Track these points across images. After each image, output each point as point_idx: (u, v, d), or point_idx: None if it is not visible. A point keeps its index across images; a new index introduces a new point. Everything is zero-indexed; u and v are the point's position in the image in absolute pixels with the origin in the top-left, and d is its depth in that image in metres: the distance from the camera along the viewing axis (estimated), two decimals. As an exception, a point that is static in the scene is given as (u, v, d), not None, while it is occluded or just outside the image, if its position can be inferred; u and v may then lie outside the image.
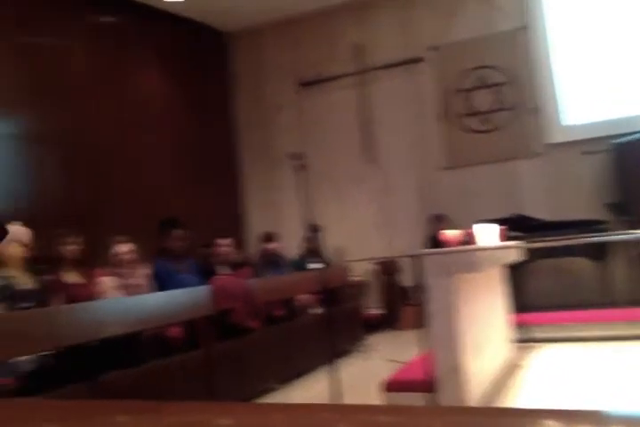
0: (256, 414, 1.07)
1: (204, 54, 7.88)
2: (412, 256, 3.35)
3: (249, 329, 4.11)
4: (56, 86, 5.83)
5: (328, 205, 7.51)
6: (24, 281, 3.26)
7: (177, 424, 1.02)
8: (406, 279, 6.70)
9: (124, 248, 4.06)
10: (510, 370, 4.11)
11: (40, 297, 3.25)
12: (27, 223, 3.39)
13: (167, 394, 3.27)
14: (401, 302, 6.56)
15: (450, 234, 3.58)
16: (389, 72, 7.49)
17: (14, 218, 4.55)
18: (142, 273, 4.28)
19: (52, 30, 5.91)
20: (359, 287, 6.65)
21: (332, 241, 7.11)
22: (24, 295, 3.19)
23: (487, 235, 3.76)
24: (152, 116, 6.95)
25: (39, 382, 2.85)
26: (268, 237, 5.51)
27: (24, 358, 2.93)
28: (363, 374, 4.44)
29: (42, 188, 5.53)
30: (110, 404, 1.31)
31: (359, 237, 7.34)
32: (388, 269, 6.71)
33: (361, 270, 7.03)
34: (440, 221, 6.65)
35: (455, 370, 3.09)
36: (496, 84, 6.96)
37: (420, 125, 7.34)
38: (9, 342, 2.58)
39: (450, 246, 3.48)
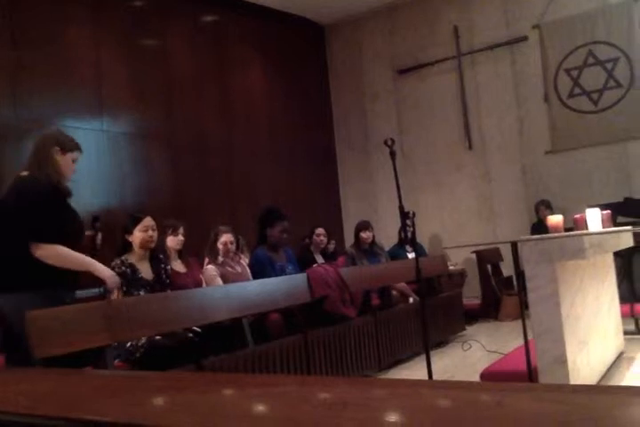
0: (356, 388, 1.10)
1: (302, 47, 7.98)
2: (512, 243, 3.23)
3: (345, 317, 4.15)
4: (163, 86, 6.14)
5: (426, 192, 7.41)
6: (144, 269, 3.47)
7: (281, 396, 1.07)
8: (507, 268, 6.49)
9: (226, 238, 4.22)
10: (621, 363, 3.88)
11: (155, 286, 3.45)
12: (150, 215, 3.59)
13: (267, 378, 3.39)
14: (501, 291, 6.36)
15: (554, 220, 3.43)
16: (490, 54, 7.24)
17: (125, 210, 4.88)
18: (243, 262, 4.44)
19: (158, 33, 6.22)
20: (458, 276, 6.52)
21: (429, 229, 7.03)
22: (141, 283, 3.40)
23: (594, 220, 3.56)
24: (253, 109, 7.16)
25: (147, 364, 3.05)
26: (364, 226, 5.52)
27: (134, 342, 3.14)
28: (460, 365, 4.36)
29: (151, 181, 5.87)
30: (218, 376, 1.40)
31: (458, 226, 7.19)
32: (488, 257, 6.52)
33: (460, 259, 6.89)
34: (546, 207, 6.37)
35: (559, 362, 2.97)
36: (608, 61, 6.53)
37: (524, 108, 7.05)
38: (122, 326, 2.78)
39: (554, 233, 3.33)
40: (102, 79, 5.58)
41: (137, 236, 3.44)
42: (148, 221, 3.49)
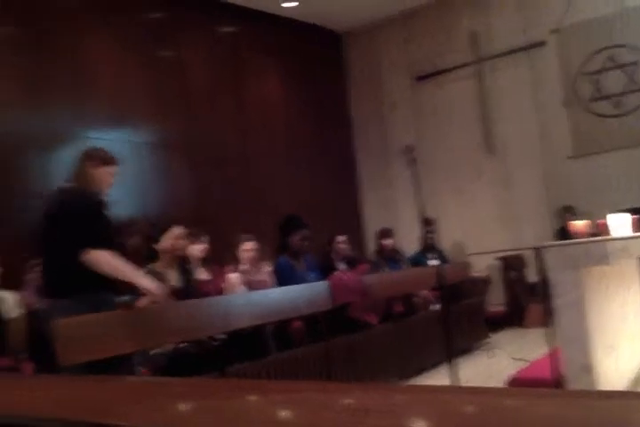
0: (379, 394, 1.09)
1: (320, 55, 8.02)
2: (536, 248, 3.19)
3: (367, 324, 4.14)
4: (181, 96, 6.21)
5: (446, 199, 7.37)
6: (171, 277, 3.50)
7: (304, 402, 1.07)
8: (532, 274, 6.41)
9: (248, 246, 4.24)
10: (651, 371, 3.79)
11: (182, 294, 3.48)
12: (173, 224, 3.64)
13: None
14: (526, 298, 6.28)
15: (578, 225, 3.39)
16: (509, 59, 7.20)
17: (148, 219, 4.92)
18: (265, 269, 4.46)
19: (175, 44, 6.31)
20: (481, 283, 6.45)
21: (450, 236, 6.97)
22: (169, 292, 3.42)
23: (619, 225, 3.50)
24: (270, 118, 7.20)
25: (172, 372, 3.06)
26: (385, 233, 5.50)
27: (159, 349, 3.16)
28: (485, 373, 4.31)
29: (171, 191, 5.92)
30: (241, 382, 1.40)
31: (480, 232, 7.13)
32: (512, 263, 6.45)
33: (483, 266, 6.82)
34: (568, 212, 6.29)
35: (586, 369, 2.91)
36: (628, 64, 6.45)
37: (544, 113, 6.98)
38: (147, 334, 2.80)
39: (578, 238, 3.29)
40: (122, 90, 5.66)
41: (165, 244, 3.47)
42: (178, 229, 3.52)
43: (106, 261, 2.66)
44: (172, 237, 3.49)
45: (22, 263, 4.41)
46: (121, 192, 5.39)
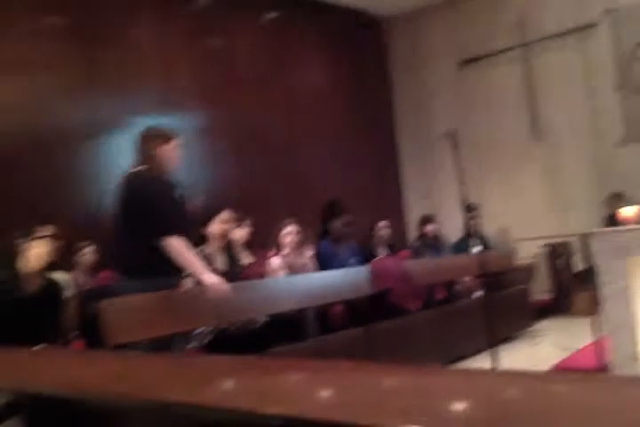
0: (420, 376, 1.10)
1: (362, 41, 7.96)
2: (583, 235, 3.12)
3: (408, 311, 4.13)
4: (227, 84, 6.27)
5: (490, 185, 7.25)
6: (219, 261, 3.57)
7: (339, 381, 1.09)
8: (579, 262, 6.26)
9: (290, 230, 4.28)
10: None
11: (228, 277, 3.55)
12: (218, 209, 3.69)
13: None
14: (573, 286, 6.14)
15: (627, 212, 3.30)
16: (558, 42, 6.98)
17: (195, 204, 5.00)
18: (307, 254, 4.49)
19: (222, 31, 6.35)
20: (527, 271, 6.34)
21: (495, 223, 6.86)
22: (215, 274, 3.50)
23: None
24: (315, 105, 7.21)
25: (214, 352, 3.14)
26: (427, 220, 5.46)
27: (204, 329, 3.24)
28: (528, 361, 4.26)
29: (217, 176, 6.01)
30: (279, 361, 1.43)
31: (525, 219, 6.99)
32: (558, 251, 6.32)
33: (529, 253, 6.70)
34: (617, 199, 6.10)
35: (633, 358, 2.85)
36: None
37: (594, 98, 6.76)
38: (191, 315, 2.88)
39: (627, 226, 3.20)
40: (169, 78, 5.75)
41: (216, 228, 3.53)
42: (227, 213, 3.58)
43: (177, 251, 2.73)
44: (221, 222, 3.55)
45: (73, 246, 4.58)
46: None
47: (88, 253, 4.57)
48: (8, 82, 4.66)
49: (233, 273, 3.57)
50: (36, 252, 2.85)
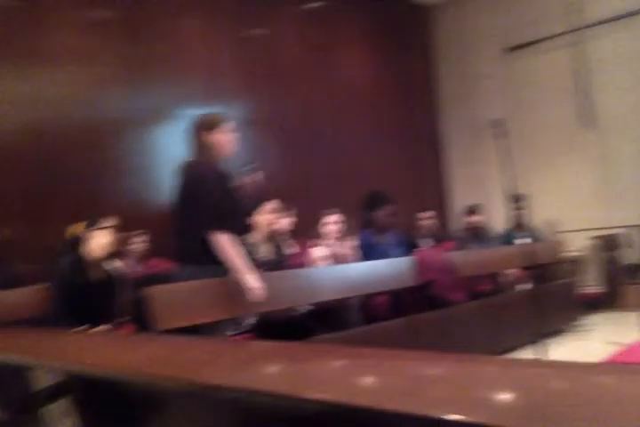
0: (466, 363, 1.09)
1: (406, 29, 7.86)
2: (632, 228, 3.02)
3: (452, 302, 4.09)
4: (271, 73, 6.30)
5: (538, 174, 7.07)
6: (264, 250, 3.61)
7: (377, 367, 1.09)
8: (630, 255, 6.06)
9: (333, 220, 4.28)
10: None
11: (272, 266, 3.58)
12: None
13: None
14: (623, 279, 5.95)
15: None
16: (610, 26, 6.72)
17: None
18: (349, 244, 4.49)
19: (265, 20, 6.37)
20: (575, 263, 6.18)
21: (542, 213, 6.70)
22: (259, 263, 3.54)
23: None
24: (358, 94, 7.17)
25: (257, 339, 3.18)
26: (472, 210, 5.38)
27: (247, 317, 3.29)
28: (574, 355, 4.16)
29: (263, 167, 6.05)
30: (320, 347, 1.44)
31: (575, 210, 6.80)
32: (608, 243, 6.12)
33: (577, 245, 6.53)
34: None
35: (686, 355, 2.75)
36: None
37: (648, 84, 6.51)
38: (236, 302, 2.92)
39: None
40: (213, 67, 5.81)
41: (262, 218, 3.56)
42: (273, 203, 3.62)
43: (223, 247, 2.74)
44: (267, 211, 3.58)
45: (125, 235, 4.71)
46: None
47: (140, 242, 4.70)
48: (60, 73, 4.80)
49: (276, 262, 3.60)
50: (98, 241, 2.95)
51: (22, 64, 4.63)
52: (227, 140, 2.92)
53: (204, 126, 2.90)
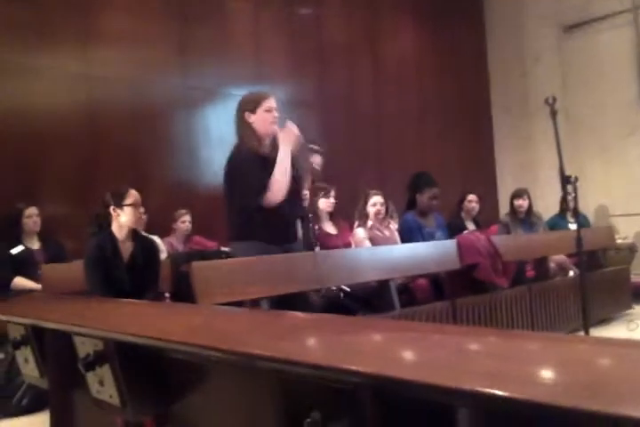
0: (510, 339, 1.06)
1: (458, 6, 7.64)
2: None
3: (496, 287, 4.00)
4: (316, 54, 6.24)
5: (591, 158, 6.84)
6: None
7: (418, 341, 1.07)
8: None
9: (375, 201, 4.24)
10: None
11: (305, 245, 3.58)
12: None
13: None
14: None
15: None
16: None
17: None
18: (392, 226, 4.45)
19: (312, 1, 6.30)
20: (627, 251, 5.97)
21: (594, 199, 6.50)
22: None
23: None
24: (405, 75, 7.05)
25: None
26: (520, 194, 5.24)
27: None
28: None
29: (324, 151, 6.04)
30: (359, 320, 1.44)
31: (629, 195, 6.56)
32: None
33: (630, 232, 6.31)
34: None
35: None
36: None
37: None
38: (276, 280, 2.93)
39: None
40: (260, 48, 5.80)
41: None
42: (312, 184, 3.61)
43: (276, 184, 2.73)
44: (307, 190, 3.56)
45: (169, 214, 4.80)
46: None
47: (184, 220, 4.78)
48: (113, 54, 4.87)
49: (308, 241, 3.60)
50: (127, 218, 3.00)
51: (79, 44, 4.73)
52: (267, 118, 2.90)
53: (245, 106, 2.90)
